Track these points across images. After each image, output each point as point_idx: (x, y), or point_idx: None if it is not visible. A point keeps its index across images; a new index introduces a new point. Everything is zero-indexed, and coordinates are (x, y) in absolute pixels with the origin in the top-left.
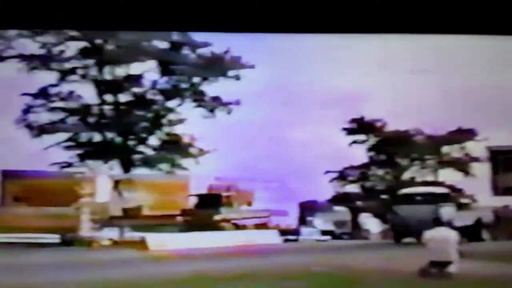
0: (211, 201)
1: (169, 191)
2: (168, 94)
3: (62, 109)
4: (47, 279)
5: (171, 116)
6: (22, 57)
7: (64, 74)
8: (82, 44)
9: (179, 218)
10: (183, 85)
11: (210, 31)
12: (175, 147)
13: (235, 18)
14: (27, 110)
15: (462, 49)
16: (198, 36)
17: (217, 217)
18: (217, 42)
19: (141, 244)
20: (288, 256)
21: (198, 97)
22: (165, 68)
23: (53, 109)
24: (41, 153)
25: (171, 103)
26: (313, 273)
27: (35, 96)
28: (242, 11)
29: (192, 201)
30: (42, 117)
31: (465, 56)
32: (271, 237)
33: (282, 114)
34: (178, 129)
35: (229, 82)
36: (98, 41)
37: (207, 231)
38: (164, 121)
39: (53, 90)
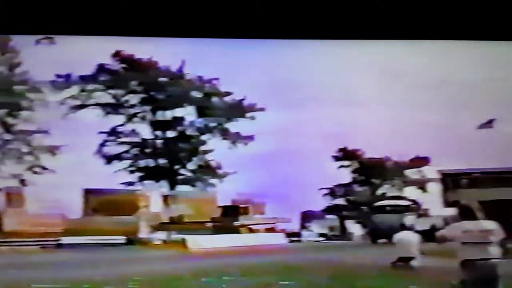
0: (232, 211)
1: (202, 204)
2: (202, 131)
3: (127, 143)
4: (115, 270)
5: (204, 147)
6: (99, 105)
7: (129, 117)
8: (141, 95)
9: (210, 224)
10: (213, 124)
11: (208, 37)
12: (207, 170)
13: (234, 23)
14: (103, 144)
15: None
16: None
17: (237, 223)
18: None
19: (183, 244)
20: (292, 253)
21: (224, 133)
22: (200, 112)
23: (120, 143)
24: (112, 175)
25: (204, 137)
26: (312, 266)
27: (108, 134)
28: (243, 17)
29: (219, 211)
30: (113, 149)
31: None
32: (279, 239)
33: (286, 146)
34: (209, 157)
35: (246, 121)
36: (153, 93)
37: (230, 234)
38: (199, 151)
39: (120, 129)
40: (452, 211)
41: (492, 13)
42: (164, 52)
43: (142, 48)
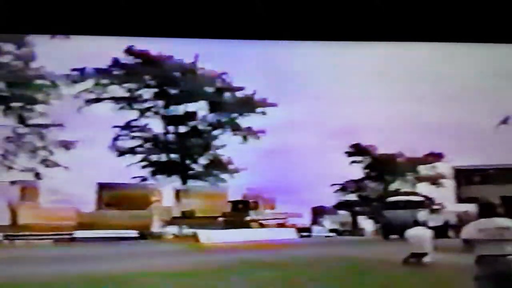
0: (243, 206)
1: (213, 198)
2: (214, 126)
3: (140, 138)
4: (128, 264)
5: (216, 142)
6: (113, 99)
7: (142, 112)
8: (155, 90)
9: (221, 219)
10: (224, 119)
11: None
12: (218, 166)
13: (234, 25)
14: (116, 138)
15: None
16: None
17: (247, 218)
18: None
19: (194, 238)
20: (303, 249)
21: (235, 128)
22: (212, 107)
23: (133, 138)
24: (125, 170)
25: (216, 132)
26: (322, 261)
27: (122, 128)
28: (245, 18)
29: (229, 206)
30: (126, 143)
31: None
32: (290, 234)
33: (299, 140)
34: (220, 152)
35: (257, 116)
36: (166, 87)
37: (241, 228)
38: (211, 146)
39: (134, 124)
40: (465, 207)
41: (497, 15)
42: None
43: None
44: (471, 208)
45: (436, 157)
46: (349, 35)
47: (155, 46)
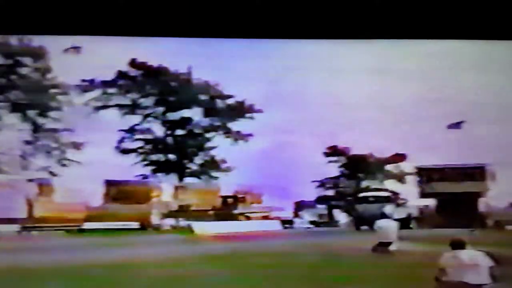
0: (232, 200)
1: (207, 194)
2: (208, 130)
3: (142, 140)
4: (130, 252)
5: (209, 144)
6: (118, 106)
7: (144, 117)
8: (154, 98)
9: (212, 212)
10: (217, 123)
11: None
12: (211, 165)
13: (232, 23)
14: (121, 140)
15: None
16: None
17: (236, 212)
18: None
19: (189, 230)
20: (286, 238)
21: (226, 131)
22: (206, 113)
23: (136, 140)
24: (129, 168)
25: (209, 135)
26: (302, 249)
27: (126, 131)
28: (241, 17)
29: (220, 201)
30: (130, 145)
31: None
32: (274, 225)
33: (282, 142)
34: (213, 153)
35: (246, 121)
36: (164, 96)
37: (230, 221)
38: (205, 147)
39: (137, 128)
40: (425, 202)
41: (485, 13)
42: (166, 52)
43: (145, 47)
44: (431, 202)
45: (400, 157)
46: (347, 34)
47: (153, 46)
